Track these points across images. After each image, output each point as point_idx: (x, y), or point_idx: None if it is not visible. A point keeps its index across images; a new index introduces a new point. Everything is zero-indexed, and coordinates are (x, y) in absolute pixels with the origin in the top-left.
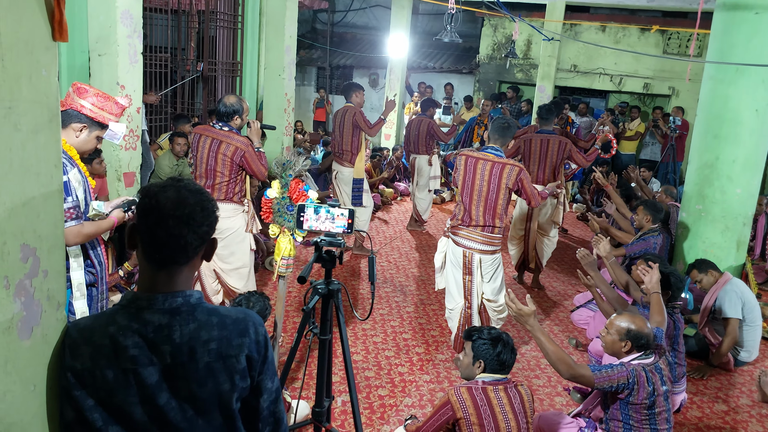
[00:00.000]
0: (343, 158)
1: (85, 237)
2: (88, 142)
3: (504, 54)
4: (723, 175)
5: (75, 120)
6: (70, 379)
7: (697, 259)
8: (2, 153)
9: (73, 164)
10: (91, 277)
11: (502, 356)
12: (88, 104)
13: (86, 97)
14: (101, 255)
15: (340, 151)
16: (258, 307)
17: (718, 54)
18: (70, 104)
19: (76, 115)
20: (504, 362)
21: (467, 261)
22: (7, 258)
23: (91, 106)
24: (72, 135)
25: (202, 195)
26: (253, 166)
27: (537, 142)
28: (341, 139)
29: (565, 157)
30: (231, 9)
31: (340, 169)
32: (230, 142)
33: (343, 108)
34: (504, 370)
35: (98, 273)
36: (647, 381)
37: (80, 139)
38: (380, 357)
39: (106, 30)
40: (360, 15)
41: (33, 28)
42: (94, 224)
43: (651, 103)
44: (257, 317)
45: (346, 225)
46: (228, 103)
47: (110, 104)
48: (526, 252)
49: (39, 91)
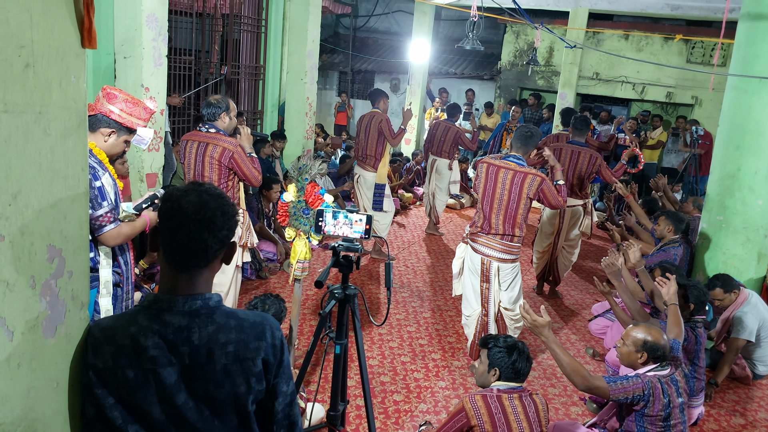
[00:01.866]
0: (366, 162)
1: (125, 238)
2: (116, 146)
3: (526, 61)
4: (744, 186)
5: (104, 125)
6: (92, 377)
7: (721, 274)
8: (32, 157)
9: (104, 169)
10: (116, 277)
11: (517, 364)
12: (116, 109)
13: (115, 102)
14: (128, 256)
15: (363, 156)
16: (273, 309)
17: (742, 64)
18: (99, 109)
19: (104, 120)
20: (519, 370)
21: (485, 268)
22: (34, 258)
23: (120, 111)
24: (101, 139)
25: (222, 199)
26: (244, 169)
27: (567, 153)
28: (366, 144)
29: (594, 171)
30: (255, 13)
31: (363, 174)
32: (217, 143)
33: (370, 113)
34: (519, 379)
35: (123, 273)
36: (663, 393)
37: (108, 144)
38: (396, 362)
39: (131, 33)
40: (382, 20)
41: (64, 35)
42: (130, 225)
43: (674, 112)
44: (274, 321)
45: (364, 230)
46: (212, 102)
47: (138, 109)
48: (549, 264)
49: (68, 96)
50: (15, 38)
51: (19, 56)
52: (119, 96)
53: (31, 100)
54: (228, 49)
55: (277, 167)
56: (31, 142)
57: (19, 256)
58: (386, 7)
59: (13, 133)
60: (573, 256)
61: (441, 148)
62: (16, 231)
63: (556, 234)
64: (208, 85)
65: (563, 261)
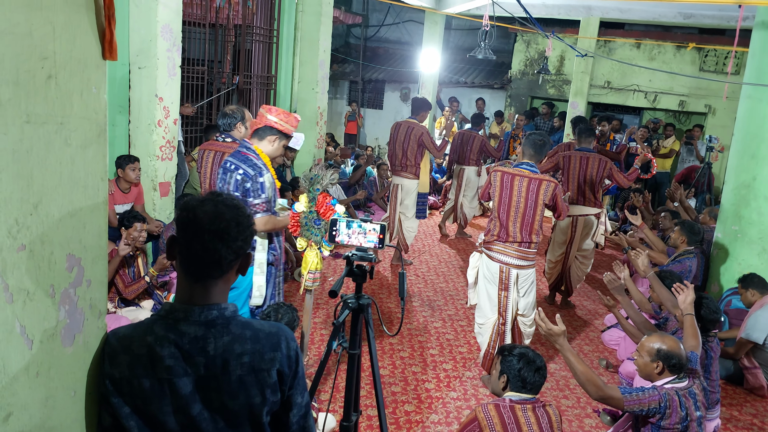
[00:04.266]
0: (407, 171)
1: (272, 226)
2: (277, 150)
3: (537, 70)
4: (760, 196)
5: (270, 133)
6: (109, 386)
7: (755, 275)
8: (52, 167)
9: (267, 170)
10: (271, 257)
11: (523, 373)
12: (276, 119)
13: (274, 114)
14: (281, 240)
15: (401, 165)
16: (287, 318)
17: (756, 73)
18: (264, 122)
19: (270, 129)
20: (525, 380)
21: (504, 276)
22: (54, 267)
23: (278, 120)
24: (268, 146)
25: (238, 210)
26: None
27: (576, 160)
28: (403, 153)
29: (605, 176)
30: (267, 24)
31: (402, 182)
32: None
33: (408, 123)
34: (527, 389)
35: (278, 255)
36: (680, 406)
37: (273, 148)
38: (407, 372)
39: (146, 43)
40: (393, 30)
41: (85, 47)
42: (278, 218)
43: (686, 121)
44: (289, 332)
45: (378, 240)
46: (227, 112)
47: (291, 119)
48: (562, 274)
49: (89, 107)
50: (38, 50)
51: (42, 68)
52: (273, 109)
53: (53, 111)
54: (240, 59)
55: (288, 177)
56: (53, 152)
57: (39, 265)
58: (397, 17)
59: (35, 143)
60: (587, 267)
61: (468, 157)
62: (37, 240)
63: (568, 243)
64: (221, 95)
65: (576, 272)
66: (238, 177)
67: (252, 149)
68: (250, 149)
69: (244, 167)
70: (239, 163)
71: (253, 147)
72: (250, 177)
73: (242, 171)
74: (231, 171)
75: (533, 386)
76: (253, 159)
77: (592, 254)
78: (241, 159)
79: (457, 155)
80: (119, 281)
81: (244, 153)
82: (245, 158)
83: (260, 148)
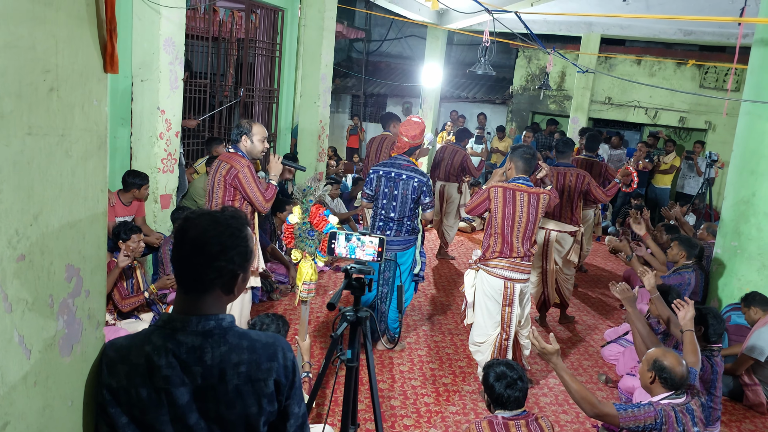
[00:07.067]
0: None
1: (431, 217)
2: (422, 154)
3: (538, 86)
4: (760, 212)
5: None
6: (106, 396)
7: (757, 293)
8: (53, 178)
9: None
10: None
11: (498, 391)
12: (409, 140)
13: (409, 136)
14: None
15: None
16: (271, 329)
17: (755, 90)
18: (406, 144)
19: (414, 148)
20: (502, 398)
21: (509, 292)
22: (53, 277)
23: (409, 140)
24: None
25: (228, 229)
26: (248, 191)
27: (553, 175)
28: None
29: (583, 191)
30: (270, 37)
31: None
32: (228, 161)
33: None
34: (509, 407)
35: None
36: (677, 422)
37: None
38: (406, 386)
39: (149, 56)
40: (395, 45)
41: (87, 60)
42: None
43: (687, 137)
44: (286, 343)
45: (376, 253)
46: (238, 125)
47: (417, 131)
48: (544, 291)
49: (90, 119)
50: (41, 63)
51: (44, 80)
52: (404, 130)
53: (55, 123)
54: (243, 72)
55: (290, 189)
56: (53, 163)
57: (38, 275)
58: (399, 32)
59: (36, 155)
60: (572, 277)
61: (449, 172)
62: (36, 250)
63: (543, 259)
64: (223, 108)
65: (563, 284)
66: (414, 183)
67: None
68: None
69: (417, 176)
70: (412, 174)
71: (410, 160)
72: (424, 182)
73: (417, 179)
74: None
75: (513, 402)
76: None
77: (573, 271)
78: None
79: (438, 171)
80: (116, 293)
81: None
82: (414, 168)
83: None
